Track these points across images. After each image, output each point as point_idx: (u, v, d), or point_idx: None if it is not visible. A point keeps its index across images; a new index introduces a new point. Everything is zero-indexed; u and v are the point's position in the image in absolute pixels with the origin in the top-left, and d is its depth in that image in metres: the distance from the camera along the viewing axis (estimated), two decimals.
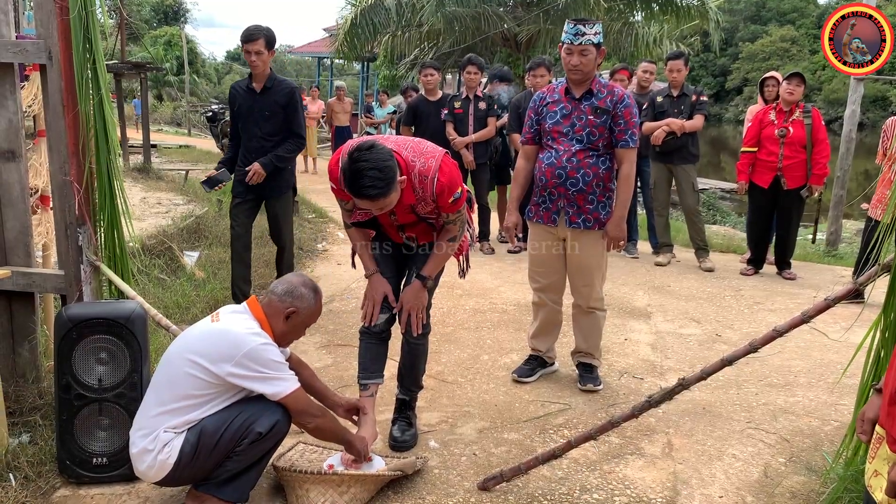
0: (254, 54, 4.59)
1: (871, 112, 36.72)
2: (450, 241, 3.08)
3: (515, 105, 6.71)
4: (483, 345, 4.60)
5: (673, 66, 6.54)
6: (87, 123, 3.25)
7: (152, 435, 2.49)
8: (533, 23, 14.86)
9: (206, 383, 2.48)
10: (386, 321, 3.15)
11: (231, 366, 2.44)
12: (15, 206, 3.36)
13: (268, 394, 2.51)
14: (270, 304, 2.63)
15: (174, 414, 2.49)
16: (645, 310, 5.41)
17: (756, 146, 6.30)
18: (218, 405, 2.53)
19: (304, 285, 2.69)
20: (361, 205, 2.78)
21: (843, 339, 4.49)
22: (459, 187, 2.95)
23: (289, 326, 2.65)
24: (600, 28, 3.63)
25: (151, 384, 2.60)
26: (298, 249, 7.00)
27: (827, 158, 6.16)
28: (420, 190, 2.88)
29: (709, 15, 14.93)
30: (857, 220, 11.10)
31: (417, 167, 2.85)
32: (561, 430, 3.45)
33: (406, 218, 3.04)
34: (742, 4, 54.63)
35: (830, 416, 3.64)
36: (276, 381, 2.51)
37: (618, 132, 3.64)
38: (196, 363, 2.47)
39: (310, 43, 33.35)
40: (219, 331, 2.53)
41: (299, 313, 2.65)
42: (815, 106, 6.47)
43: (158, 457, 2.48)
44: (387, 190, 2.65)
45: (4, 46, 3.18)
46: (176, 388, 2.49)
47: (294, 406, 2.57)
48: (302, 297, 2.65)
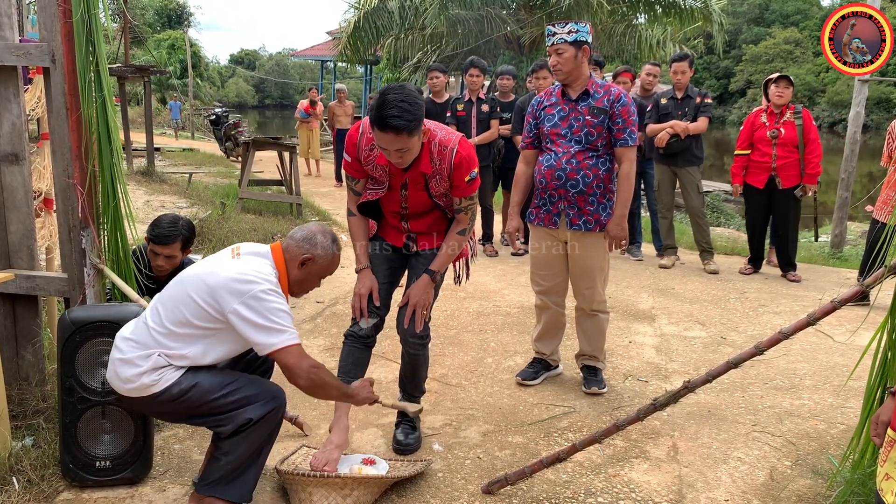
0: (163, 258, 3.52)
1: (875, 114, 36.62)
2: (459, 233, 3.05)
3: (519, 107, 6.71)
4: (487, 348, 4.59)
5: (677, 68, 6.53)
6: (91, 126, 3.24)
7: (146, 352, 2.43)
8: (536, 25, 14.85)
9: (208, 315, 2.41)
10: (373, 327, 3.10)
11: (237, 303, 2.37)
12: (18, 209, 3.36)
13: (263, 344, 2.39)
14: (288, 248, 2.59)
15: (171, 338, 2.43)
16: (649, 312, 5.39)
17: (749, 149, 6.37)
18: (213, 349, 2.47)
19: (324, 234, 2.63)
20: (383, 142, 2.70)
21: (849, 341, 4.49)
22: (476, 168, 2.94)
23: (303, 274, 2.60)
24: (578, 27, 3.60)
25: (158, 298, 2.53)
26: None
27: (819, 158, 6.23)
28: (438, 161, 2.87)
29: (712, 17, 14.91)
30: (861, 222, 11.07)
31: (439, 136, 2.88)
32: (565, 433, 3.44)
33: (417, 197, 2.99)
34: (745, 6, 54.54)
35: (836, 418, 3.62)
36: (276, 332, 2.39)
37: (616, 131, 3.64)
38: (205, 291, 2.41)
39: (313, 46, 33.43)
40: (235, 267, 2.45)
41: (315, 261, 2.59)
42: (805, 107, 6.47)
43: (143, 378, 2.42)
44: (411, 125, 2.63)
45: (8, 49, 3.18)
46: (179, 311, 2.43)
47: (287, 361, 2.42)
48: (318, 245, 2.60)
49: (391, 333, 4.58)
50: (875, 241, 4.29)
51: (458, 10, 14.50)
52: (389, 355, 4.35)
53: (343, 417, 3.00)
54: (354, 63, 18.55)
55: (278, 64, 58.46)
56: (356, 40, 16.07)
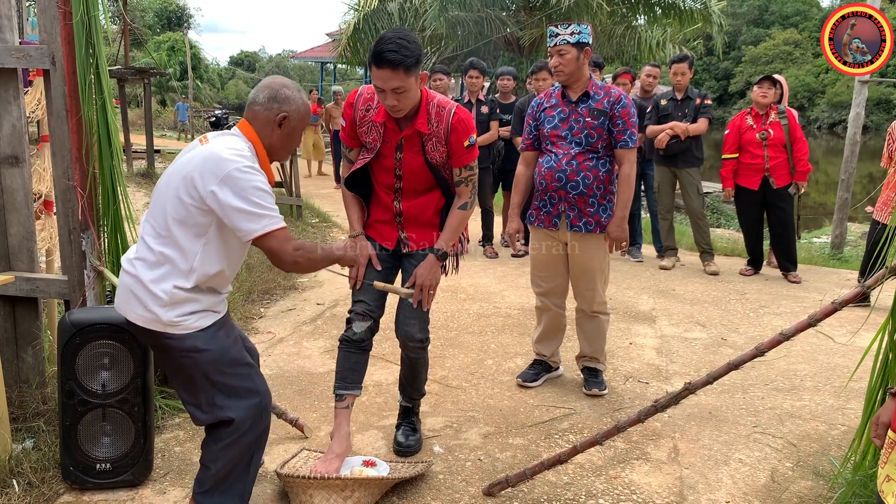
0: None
1: (875, 115, 36.63)
2: (461, 208, 2.98)
3: (519, 109, 6.71)
4: (487, 349, 4.58)
5: (677, 70, 6.54)
6: (91, 128, 3.25)
7: (157, 272, 2.30)
8: (536, 27, 14.87)
9: (194, 209, 2.28)
10: (367, 329, 3.02)
11: (214, 185, 2.23)
12: (19, 212, 3.36)
13: (246, 230, 2.26)
14: (257, 116, 2.42)
15: (170, 247, 2.30)
16: (650, 314, 5.39)
17: (737, 152, 6.40)
18: (214, 252, 2.34)
19: (286, 86, 2.45)
20: (379, 80, 2.68)
21: (850, 342, 4.49)
22: (475, 134, 2.92)
23: (283, 134, 2.44)
24: (580, 28, 3.62)
25: (147, 213, 2.41)
26: None
27: (807, 155, 6.30)
28: (436, 122, 2.85)
29: (712, 18, 14.93)
30: (862, 223, 11.06)
31: (438, 98, 2.89)
32: (566, 435, 3.44)
33: (412, 163, 2.92)
34: (745, 8, 54.61)
35: (837, 420, 3.62)
36: (258, 216, 2.26)
37: (616, 133, 3.64)
38: (182, 183, 2.29)
39: (313, 48, 33.42)
40: (206, 152, 2.31)
41: (291, 117, 2.43)
42: (800, 108, 6.51)
43: (159, 310, 2.29)
44: (408, 60, 2.63)
45: (8, 51, 3.19)
46: (167, 215, 2.31)
47: (272, 246, 2.31)
48: (289, 100, 2.42)
49: (390, 335, 4.58)
50: (875, 243, 4.29)
51: (457, 12, 14.52)
52: (390, 357, 4.34)
53: (343, 424, 2.98)
54: (354, 65, 18.57)
55: (278, 66, 58.51)
56: (356, 42, 16.08)
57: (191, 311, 2.34)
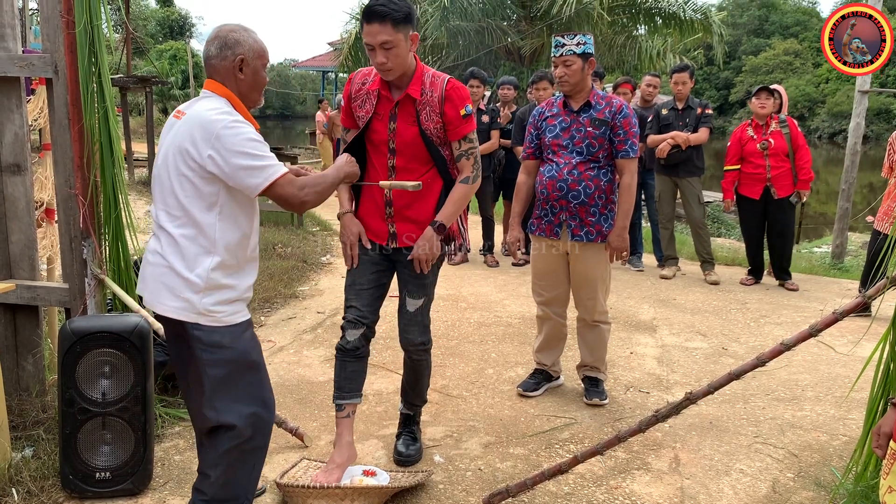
0: None
1: (875, 125, 36.65)
2: (463, 181, 2.91)
3: (520, 118, 6.72)
4: (488, 358, 4.58)
5: (678, 79, 6.55)
6: (93, 137, 3.26)
7: (188, 254, 2.26)
8: (536, 36, 14.93)
9: (199, 180, 2.24)
10: (361, 336, 2.99)
11: (209, 149, 2.21)
12: (20, 220, 3.36)
13: (252, 186, 2.25)
14: (215, 69, 2.36)
15: (193, 227, 2.26)
16: (650, 323, 5.39)
17: (738, 163, 6.42)
18: (233, 217, 2.31)
19: (233, 31, 2.37)
20: (369, 36, 2.68)
21: (851, 352, 4.48)
22: (471, 104, 2.91)
23: (247, 78, 2.37)
24: (586, 39, 3.64)
25: (155, 202, 2.36)
26: (303, 262, 7.02)
27: (809, 163, 6.30)
28: (430, 91, 2.84)
29: (712, 28, 14.98)
30: (862, 232, 11.06)
31: (431, 71, 2.90)
32: (567, 444, 3.43)
33: (406, 134, 2.87)
34: (745, 18, 54.73)
35: (839, 430, 3.61)
36: (258, 169, 2.24)
37: (617, 143, 3.65)
38: (181, 160, 2.25)
39: (314, 57, 33.57)
40: (190, 120, 2.27)
41: (247, 58, 2.36)
42: (799, 118, 6.52)
43: (193, 295, 2.25)
44: (396, 14, 2.64)
45: (11, 60, 3.20)
46: (177, 194, 2.27)
47: (279, 193, 2.30)
48: (240, 42, 2.35)
49: (391, 343, 4.59)
50: (876, 253, 4.29)
51: (458, 22, 14.58)
52: (390, 366, 4.34)
53: (345, 433, 2.97)
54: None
55: (279, 74, 58.57)
56: (357, 51, 16.14)
57: (227, 300, 2.31)
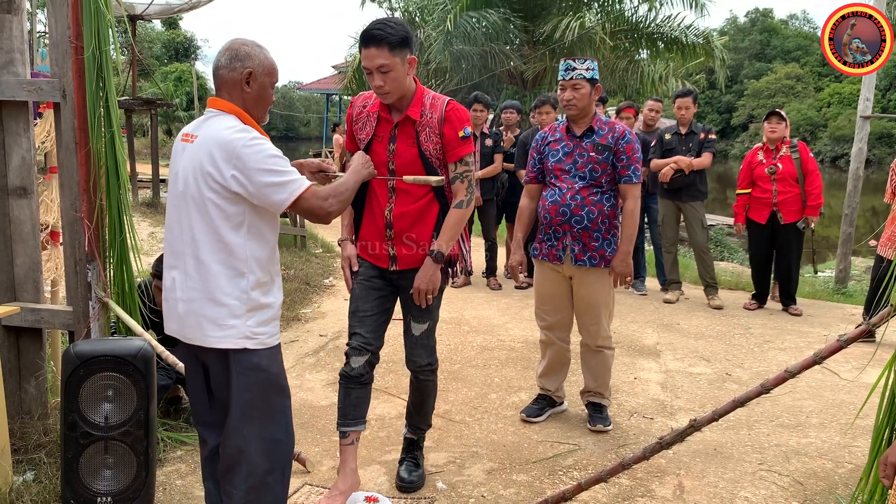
0: None
1: (877, 149, 36.75)
2: (457, 206, 2.91)
3: (523, 142, 6.75)
4: (491, 383, 4.56)
5: (681, 104, 6.59)
6: (99, 160, 3.28)
7: (224, 280, 2.25)
8: (539, 61, 15.03)
9: (223, 201, 2.23)
10: (366, 363, 2.99)
11: (232, 169, 2.20)
12: (26, 243, 3.37)
13: (278, 202, 2.24)
14: (224, 82, 2.34)
15: (225, 252, 2.25)
16: (654, 348, 5.37)
17: (749, 187, 6.44)
18: (261, 234, 2.31)
19: (245, 44, 2.37)
20: (367, 60, 2.73)
21: (856, 379, 4.46)
22: (470, 126, 2.93)
23: (254, 92, 2.36)
24: (593, 65, 3.68)
25: (174, 234, 2.33)
26: (305, 284, 7.02)
27: (819, 189, 6.28)
28: (430, 113, 2.86)
29: (714, 52, 15.07)
30: (865, 257, 11.06)
31: (432, 93, 2.93)
32: (570, 471, 3.41)
33: (406, 154, 2.87)
34: (747, 42, 55.14)
35: (844, 458, 3.58)
36: (281, 185, 2.23)
37: (620, 168, 3.66)
38: (203, 181, 2.23)
39: (318, 80, 33.80)
40: (208, 141, 2.25)
41: (256, 72, 2.35)
42: (801, 140, 6.52)
43: (236, 321, 2.25)
44: (392, 37, 2.68)
45: (20, 85, 3.23)
46: (211, 216, 2.25)
47: (304, 206, 2.30)
48: (250, 55, 2.34)
49: (394, 367, 4.58)
50: (881, 278, 4.28)
51: (462, 46, 14.68)
52: (393, 390, 4.33)
53: (349, 460, 2.96)
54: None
55: (284, 97, 58.92)
56: (361, 74, 16.19)
57: (266, 320, 2.33)
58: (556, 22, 14.13)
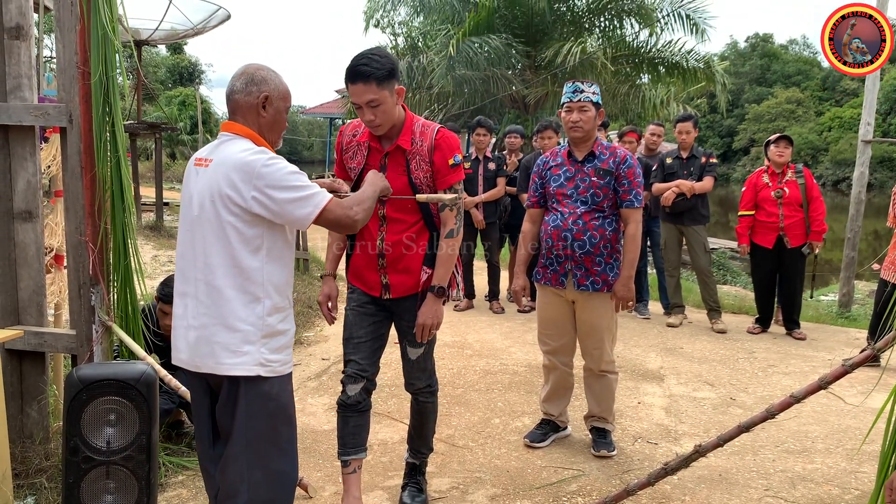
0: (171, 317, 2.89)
1: (878, 172, 36.87)
2: (448, 236, 2.89)
3: (525, 165, 6.78)
4: (494, 407, 4.54)
5: (682, 128, 6.62)
6: (104, 184, 3.29)
7: (238, 305, 2.23)
8: (541, 85, 15.13)
9: (242, 224, 2.22)
10: (362, 390, 2.98)
11: (253, 190, 2.18)
12: (30, 266, 3.38)
13: (301, 218, 2.24)
14: (239, 106, 2.35)
15: (241, 276, 2.24)
16: (658, 372, 5.35)
17: (753, 209, 6.44)
18: (279, 254, 2.30)
19: (261, 69, 2.38)
20: (355, 96, 2.71)
21: (861, 403, 4.43)
22: (460, 154, 2.92)
23: (269, 117, 2.37)
24: (598, 89, 3.72)
25: (189, 261, 2.31)
26: (308, 308, 7.01)
27: (823, 215, 6.31)
28: (420, 141, 2.86)
29: (715, 77, 15.17)
30: (868, 280, 11.03)
31: (422, 120, 2.92)
32: (575, 497, 3.38)
33: (397, 182, 2.83)
34: (747, 67, 55.53)
35: (851, 483, 3.55)
36: (303, 200, 2.23)
37: (622, 192, 3.67)
38: (222, 204, 2.22)
39: (322, 104, 34.02)
40: (225, 165, 2.24)
41: (272, 96, 2.36)
42: (806, 166, 6.54)
43: (250, 348, 2.23)
44: (379, 72, 2.65)
45: (27, 110, 3.26)
46: (228, 240, 2.23)
47: (330, 218, 2.29)
48: (266, 80, 2.36)
49: (396, 392, 4.56)
50: (885, 302, 4.27)
51: (464, 71, 14.79)
52: (395, 414, 4.31)
53: (353, 489, 2.94)
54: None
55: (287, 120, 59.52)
56: None
57: (279, 347, 2.32)
58: (558, 47, 14.26)
